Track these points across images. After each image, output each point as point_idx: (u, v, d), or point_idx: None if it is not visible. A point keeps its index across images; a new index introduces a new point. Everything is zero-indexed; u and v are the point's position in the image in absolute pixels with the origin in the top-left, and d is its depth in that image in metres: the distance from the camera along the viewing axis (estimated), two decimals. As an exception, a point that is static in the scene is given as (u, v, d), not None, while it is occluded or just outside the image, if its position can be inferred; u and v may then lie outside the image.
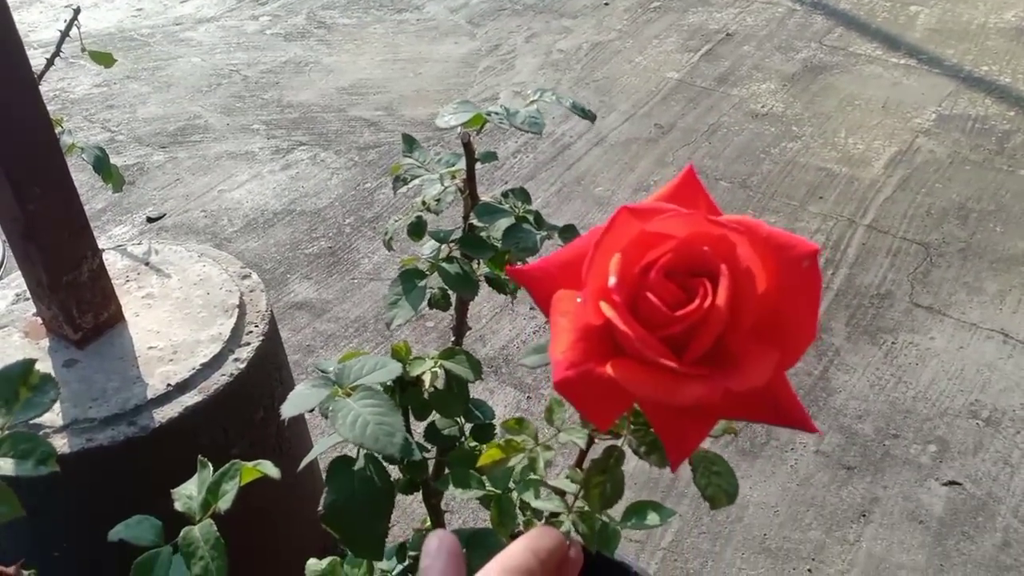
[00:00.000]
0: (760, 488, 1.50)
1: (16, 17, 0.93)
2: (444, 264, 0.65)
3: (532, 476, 0.67)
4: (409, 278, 0.66)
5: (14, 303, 1.19)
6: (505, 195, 0.66)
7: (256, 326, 1.14)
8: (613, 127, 2.56)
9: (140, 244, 1.30)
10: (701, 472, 0.48)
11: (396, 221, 0.66)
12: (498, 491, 0.63)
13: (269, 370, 1.15)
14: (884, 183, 2.25)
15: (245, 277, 1.22)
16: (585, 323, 0.36)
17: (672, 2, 3.30)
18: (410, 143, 0.76)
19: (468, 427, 0.74)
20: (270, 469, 0.54)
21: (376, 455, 0.61)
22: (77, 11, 1.45)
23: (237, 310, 1.14)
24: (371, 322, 1.92)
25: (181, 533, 0.57)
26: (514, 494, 0.69)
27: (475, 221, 0.65)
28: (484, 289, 0.70)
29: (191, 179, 2.41)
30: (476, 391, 1.55)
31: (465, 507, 1.50)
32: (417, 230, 0.65)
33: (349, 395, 0.59)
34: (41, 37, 3.19)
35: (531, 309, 1.90)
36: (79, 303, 1.08)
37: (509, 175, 2.38)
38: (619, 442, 0.46)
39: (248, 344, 1.11)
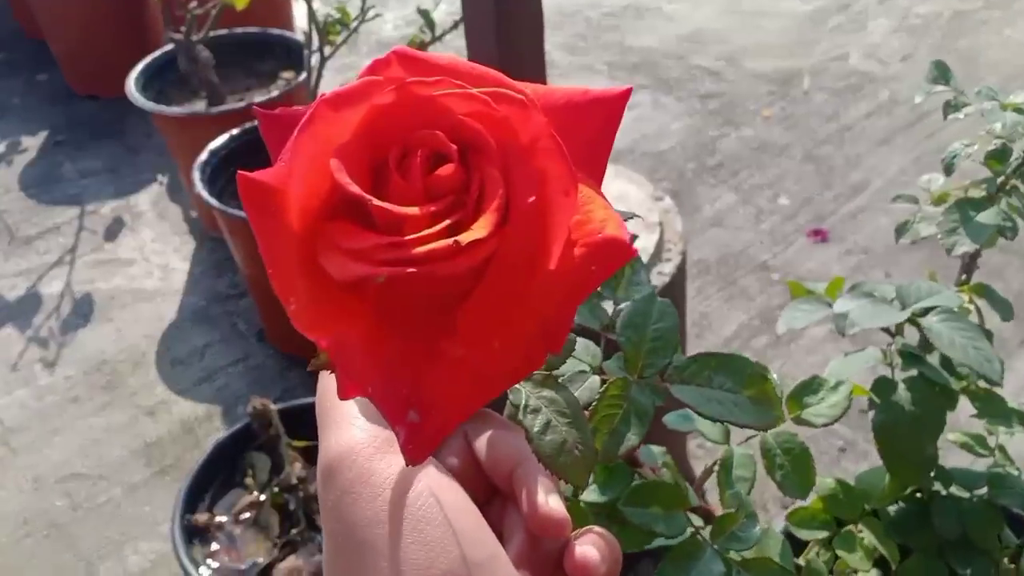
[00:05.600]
0: None
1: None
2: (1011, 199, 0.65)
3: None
4: (963, 208, 0.66)
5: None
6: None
7: (674, 244, 1.20)
8: (978, 100, 2.37)
9: (559, 157, 1.40)
10: None
11: (967, 145, 0.66)
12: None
13: (682, 288, 1.21)
14: None
15: (659, 199, 1.28)
16: None
17: (1053, -30, 2.98)
18: (943, 70, 0.76)
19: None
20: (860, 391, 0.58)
21: (923, 377, 0.63)
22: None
23: (658, 228, 1.20)
24: (713, 266, 1.94)
25: (759, 438, 0.60)
26: None
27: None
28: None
29: (540, 110, 2.54)
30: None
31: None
32: (1001, 156, 0.65)
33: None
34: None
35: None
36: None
37: (861, 136, 2.29)
38: None
39: (669, 260, 1.17)
